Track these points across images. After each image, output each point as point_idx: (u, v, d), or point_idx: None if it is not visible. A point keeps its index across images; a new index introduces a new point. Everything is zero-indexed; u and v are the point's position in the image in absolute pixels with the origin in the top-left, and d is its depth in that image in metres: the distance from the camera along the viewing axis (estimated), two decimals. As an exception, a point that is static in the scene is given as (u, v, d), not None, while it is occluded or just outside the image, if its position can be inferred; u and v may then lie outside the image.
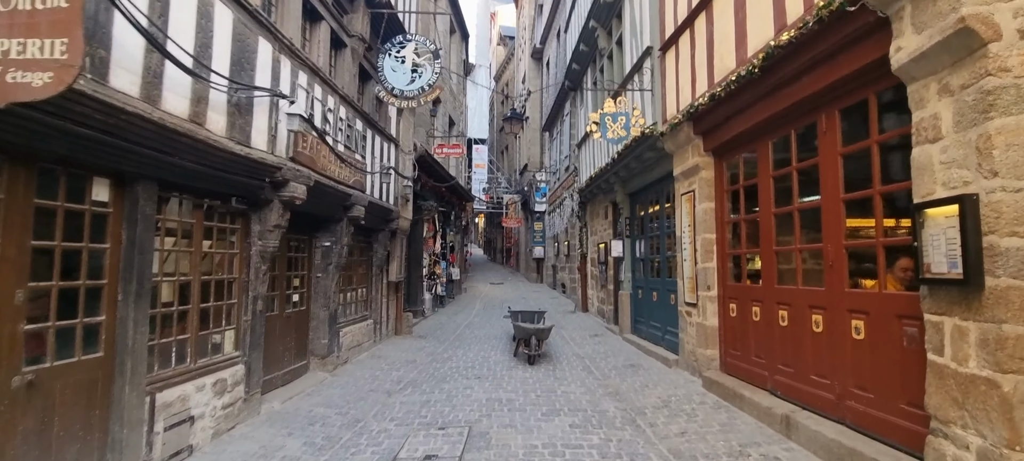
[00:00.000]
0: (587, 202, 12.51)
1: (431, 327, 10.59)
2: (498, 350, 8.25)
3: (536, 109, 21.65)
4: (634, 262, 9.05)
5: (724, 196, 5.76)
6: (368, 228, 7.77)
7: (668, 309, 7.35)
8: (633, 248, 9.07)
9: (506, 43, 29.04)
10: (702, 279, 5.90)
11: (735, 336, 5.46)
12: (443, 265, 13.88)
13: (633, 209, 9.16)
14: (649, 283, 8.24)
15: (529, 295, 17.18)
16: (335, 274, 6.50)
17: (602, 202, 11.09)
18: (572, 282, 15.08)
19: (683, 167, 6.30)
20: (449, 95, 15.22)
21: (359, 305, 7.89)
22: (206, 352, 4.26)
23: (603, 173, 9.69)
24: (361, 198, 6.63)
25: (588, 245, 12.59)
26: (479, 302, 15.25)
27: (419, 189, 10.62)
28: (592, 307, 12.33)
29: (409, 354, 7.87)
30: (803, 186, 4.50)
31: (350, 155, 6.36)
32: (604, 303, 11.04)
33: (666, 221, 7.55)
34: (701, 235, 5.93)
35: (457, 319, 11.77)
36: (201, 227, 4.17)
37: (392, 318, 9.22)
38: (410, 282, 11.12)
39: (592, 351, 8.12)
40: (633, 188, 8.84)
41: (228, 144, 3.83)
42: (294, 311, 6.05)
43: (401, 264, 9.25)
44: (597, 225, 11.64)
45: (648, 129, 6.82)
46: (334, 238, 6.45)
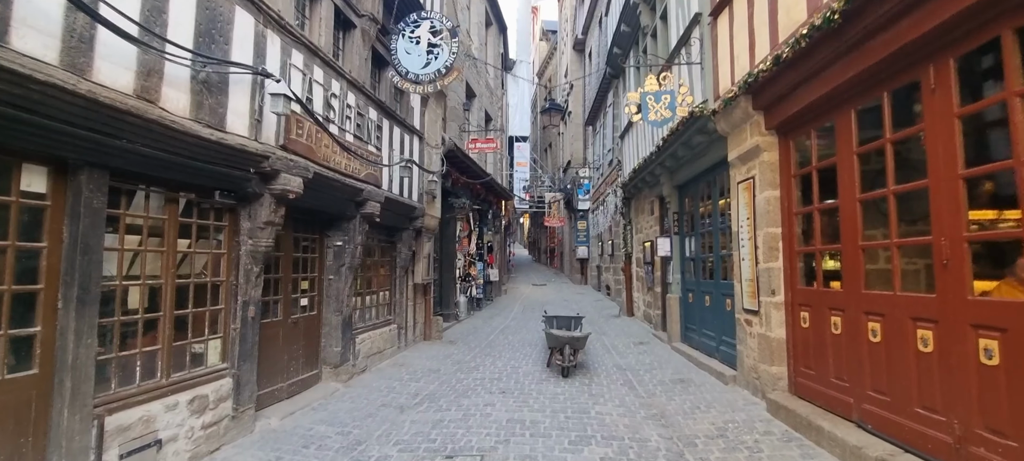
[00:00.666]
0: (631, 197, 11.56)
1: (463, 332, 10.00)
2: (530, 359, 7.53)
3: (578, 103, 20.76)
4: (683, 262, 8.08)
5: (791, 182, 4.78)
6: (388, 226, 7.25)
7: (723, 316, 6.37)
8: (682, 247, 8.10)
9: (548, 38, 28.26)
10: (765, 282, 4.94)
11: (808, 352, 4.48)
12: (479, 266, 13.30)
13: (681, 203, 8.19)
14: (701, 286, 7.26)
15: (571, 298, 16.33)
16: (349, 276, 5.99)
17: (647, 197, 10.13)
18: (616, 284, 14.12)
19: (740, 150, 5.35)
20: (485, 89, 14.64)
21: (380, 309, 7.39)
22: (183, 365, 3.79)
23: (647, 164, 8.77)
24: (375, 193, 6.09)
25: (633, 244, 11.63)
26: (518, 305, 14.57)
27: (450, 186, 10.06)
28: (638, 311, 11.36)
29: (434, 362, 7.28)
30: (901, 164, 3.51)
31: (361, 146, 5.83)
32: (651, 307, 10.07)
33: (719, 215, 6.58)
34: (763, 230, 4.98)
35: (492, 323, 11.13)
36: (175, 224, 3.70)
37: (420, 323, 8.68)
38: (442, 284, 10.59)
39: (635, 362, 7.24)
40: (681, 179, 7.87)
41: (193, 127, 3.32)
42: (302, 316, 5.58)
43: (429, 265, 8.71)
44: (642, 222, 10.68)
45: (697, 108, 5.89)
46: (346, 237, 5.94)
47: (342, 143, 5.22)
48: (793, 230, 4.75)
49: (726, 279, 6.39)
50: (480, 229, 13.57)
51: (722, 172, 6.42)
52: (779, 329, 4.82)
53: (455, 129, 11.44)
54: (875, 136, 3.68)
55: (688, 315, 7.83)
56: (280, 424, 4.64)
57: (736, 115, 5.27)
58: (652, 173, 8.91)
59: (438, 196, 8.82)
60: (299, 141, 4.48)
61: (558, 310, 12.97)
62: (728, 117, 5.41)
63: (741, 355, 5.51)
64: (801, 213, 4.73)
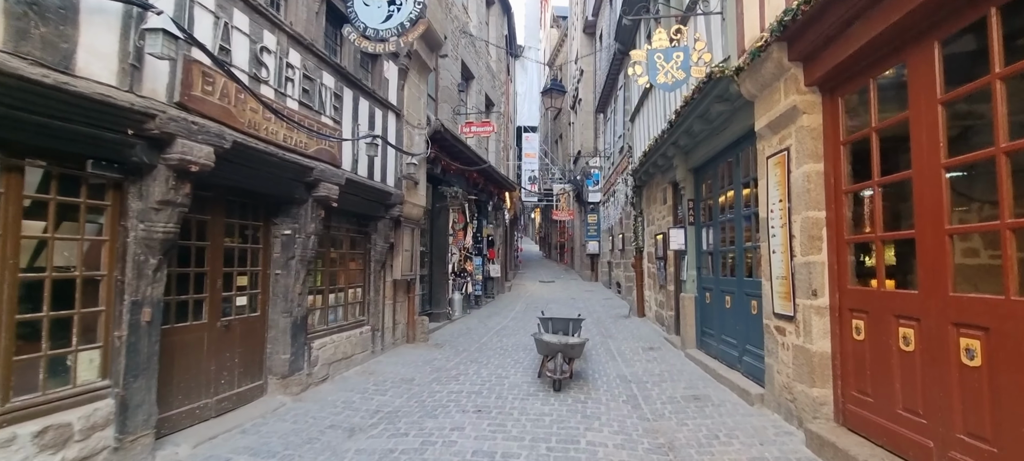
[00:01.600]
0: (642, 185, 10.48)
1: (454, 333, 9.06)
2: (521, 367, 6.55)
3: (589, 90, 19.65)
4: (700, 256, 7.01)
5: (839, 152, 3.71)
6: (357, 214, 6.32)
7: (748, 320, 5.32)
8: (698, 239, 7.04)
9: (559, 24, 27.13)
10: (803, 280, 3.88)
11: (864, 372, 3.42)
12: (477, 261, 12.35)
13: (698, 188, 7.12)
14: (720, 284, 6.20)
15: (578, 296, 15.29)
16: (301, 270, 5.07)
17: (659, 184, 9.06)
18: (627, 281, 13.05)
19: (770, 115, 4.29)
20: (486, 71, 13.66)
21: (350, 309, 6.47)
22: (34, 385, 2.90)
23: (659, 144, 7.70)
24: (332, 173, 5.16)
25: (644, 237, 10.56)
26: (520, 304, 13.59)
27: (439, 172, 9.11)
28: (649, 312, 10.30)
29: (410, 369, 6.35)
30: (1019, 109, 2.45)
31: (311, 117, 4.91)
32: (663, 307, 9.01)
33: (743, 201, 5.52)
34: (801, 214, 3.92)
35: (488, 324, 10.17)
36: (17, 200, 2.80)
37: (401, 324, 7.76)
38: (431, 281, 9.66)
39: (643, 372, 6.22)
40: (697, 160, 6.80)
41: (8, 63, 2.40)
42: (240, 319, 4.68)
43: (413, 259, 7.78)
44: (654, 212, 9.61)
45: (717, 68, 4.82)
46: (296, 224, 5.02)
47: (279, 110, 4.29)
48: (842, 213, 3.69)
49: (751, 276, 5.33)
50: (479, 221, 12.62)
51: (746, 147, 5.36)
52: (822, 340, 3.77)
53: (448, 111, 10.49)
54: (972, 75, 2.62)
55: (705, 318, 6.77)
56: (190, 453, 3.74)
57: (766, 71, 4.21)
58: (664, 155, 7.84)
59: (422, 182, 7.87)
60: (208, 100, 3.56)
61: (562, 310, 11.98)
62: (756, 74, 4.35)
63: (771, 370, 4.46)
64: (853, 191, 3.67)
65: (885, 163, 3.33)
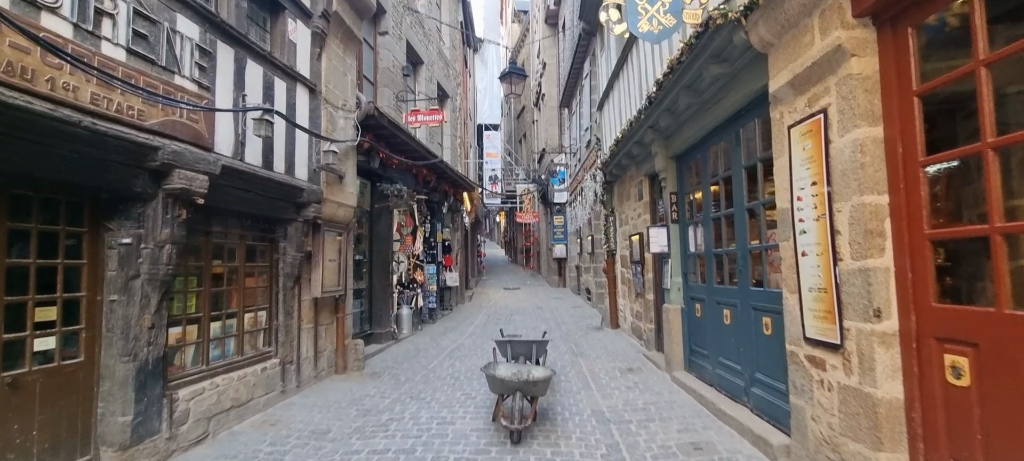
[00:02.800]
0: (613, 181, 9.33)
1: (398, 357, 7.63)
2: (473, 404, 5.21)
3: (553, 84, 18.54)
4: (686, 260, 5.85)
5: (912, 108, 2.55)
6: (250, 215, 4.86)
7: (758, 342, 4.15)
8: (684, 239, 5.88)
9: (520, 18, 26.01)
10: (857, 294, 2.70)
11: (969, 434, 2.25)
12: (430, 270, 10.94)
13: (681, 179, 5.97)
14: (715, 294, 5.03)
15: (547, 303, 14.05)
16: (151, 293, 3.60)
17: (634, 177, 7.90)
18: (598, 288, 11.90)
19: (796, 67, 3.12)
20: (437, 58, 12.29)
21: (247, 339, 4.98)
22: None
23: (634, 129, 6.53)
24: (196, 158, 3.70)
25: (616, 239, 9.41)
26: (482, 315, 12.23)
27: (378, 167, 7.69)
28: (624, 322, 9.13)
29: (328, 416, 4.91)
30: None
31: (154, 75, 3.45)
32: (640, 319, 7.84)
33: (746, 188, 4.36)
34: (851, 200, 2.75)
35: (441, 342, 8.78)
36: None
37: (327, 351, 6.29)
38: (371, 295, 8.20)
39: (623, 404, 5.00)
40: (682, 145, 5.65)
41: None
42: (40, 371, 3.16)
43: (341, 270, 6.33)
44: (628, 210, 8.45)
45: (717, 11, 3.61)
46: (141, 229, 3.55)
47: (79, 55, 2.83)
48: (917, 197, 2.52)
49: (761, 286, 4.17)
50: (432, 225, 11.22)
51: (750, 122, 4.21)
52: (890, 382, 2.59)
53: (390, 98, 9.07)
54: None
55: (695, 334, 5.60)
56: None
57: (791, 3, 3.03)
58: (640, 143, 6.68)
59: (351, 177, 6.44)
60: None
61: (527, 322, 10.70)
62: (775, 10, 3.17)
63: (801, 415, 3.28)
64: (936, 164, 2.52)
65: (1003, 113, 2.18)
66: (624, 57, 7.37)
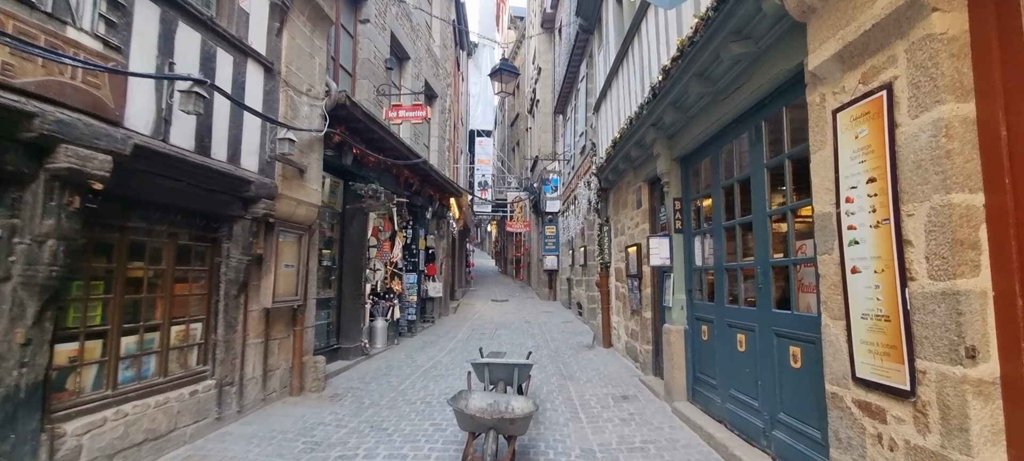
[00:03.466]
0: (609, 188, 8.66)
1: (366, 376, 6.84)
2: (442, 437, 4.46)
3: (548, 89, 17.98)
4: (691, 275, 5.16)
5: (1023, 76, 1.88)
6: (183, 209, 4.10)
7: (783, 376, 3.44)
8: (688, 251, 5.20)
9: (516, 24, 25.51)
10: (937, 325, 2.01)
11: None
12: (410, 279, 10.18)
13: (686, 184, 5.30)
14: (727, 314, 4.33)
15: (535, 317, 13.30)
16: (27, 300, 2.84)
17: (631, 184, 7.23)
18: (590, 302, 11.19)
19: (849, 33, 2.45)
20: (425, 55, 11.62)
21: (172, 357, 4.20)
22: None
23: (634, 128, 5.86)
24: (94, 131, 2.97)
25: (611, 250, 8.71)
26: (465, 328, 11.46)
27: (351, 163, 6.96)
28: (618, 341, 8.42)
29: (266, 451, 4.12)
30: None
31: (27, 21, 2.72)
32: (636, 338, 7.13)
33: (769, 191, 3.68)
34: (929, 201, 2.07)
35: (417, 359, 8.00)
36: None
37: (280, 369, 5.52)
38: (340, 305, 7.43)
39: (617, 441, 4.27)
40: (687, 146, 4.98)
41: None
42: None
43: (300, 278, 5.57)
44: (624, 220, 7.77)
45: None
46: (16, 219, 2.79)
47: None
48: (1032, 195, 1.85)
49: (788, 309, 3.47)
50: (414, 230, 10.47)
51: (774, 112, 3.55)
52: (989, 450, 1.90)
53: (369, 91, 8.37)
54: None
55: (701, 359, 4.90)
56: None
57: (847, -51, 2.37)
58: (640, 144, 6.02)
59: (315, 171, 5.71)
60: None
61: (513, 337, 9.95)
62: (824, -38, 2.51)
63: (848, 477, 2.56)
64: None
65: None
66: (625, 49, 6.73)
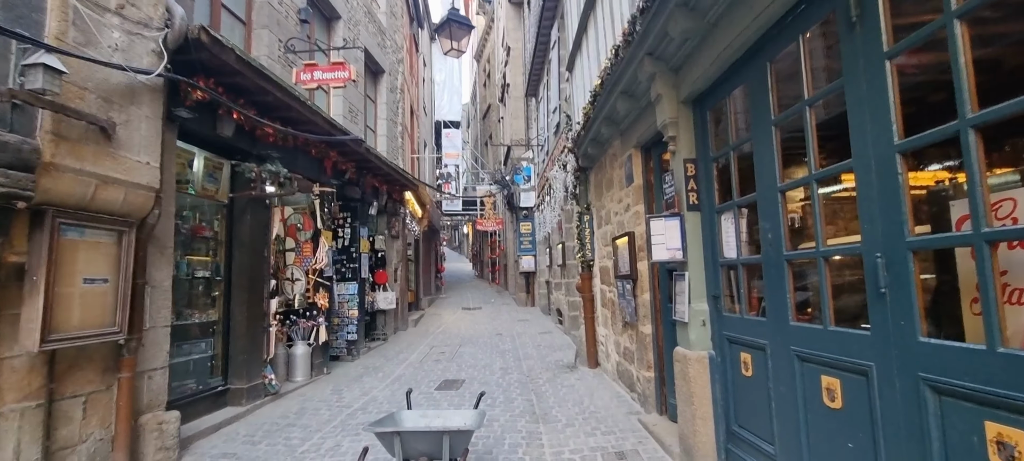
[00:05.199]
0: (589, 167, 6.88)
1: (260, 429, 4.90)
2: None
3: (518, 71, 16.22)
4: (715, 273, 3.37)
5: None
6: None
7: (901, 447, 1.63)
8: (710, 234, 3.41)
9: (484, 9, 23.69)
10: None
11: None
12: (349, 290, 8.24)
13: (703, 134, 3.51)
14: (793, 339, 2.53)
15: (509, 328, 11.43)
16: None
17: (617, 154, 5.45)
18: (571, 308, 9.38)
19: None
20: (364, 17, 9.67)
21: None
22: None
23: (621, 67, 4.04)
24: None
25: (594, 245, 6.92)
26: (424, 345, 9.53)
27: (232, 135, 5.03)
28: (606, 359, 6.60)
29: None
30: None
31: None
32: (631, 360, 5.32)
33: (900, 119, 1.89)
34: None
35: (347, 395, 6.07)
36: None
37: (87, 443, 3.56)
38: (229, 331, 5.46)
39: None
40: (706, 75, 3.17)
41: None
42: None
43: (118, 298, 3.63)
44: (609, 203, 5.97)
45: None
46: None
47: None
48: None
49: (955, 336, 1.67)
50: (353, 230, 8.52)
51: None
52: None
53: (271, 44, 6.43)
54: None
55: (739, 405, 3.11)
56: None
57: None
58: (630, 92, 4.24)
59: (142, 135, 3.78)
60: None
61: (479, 356, 8.05)
62: None
63: None
64: None
65: None
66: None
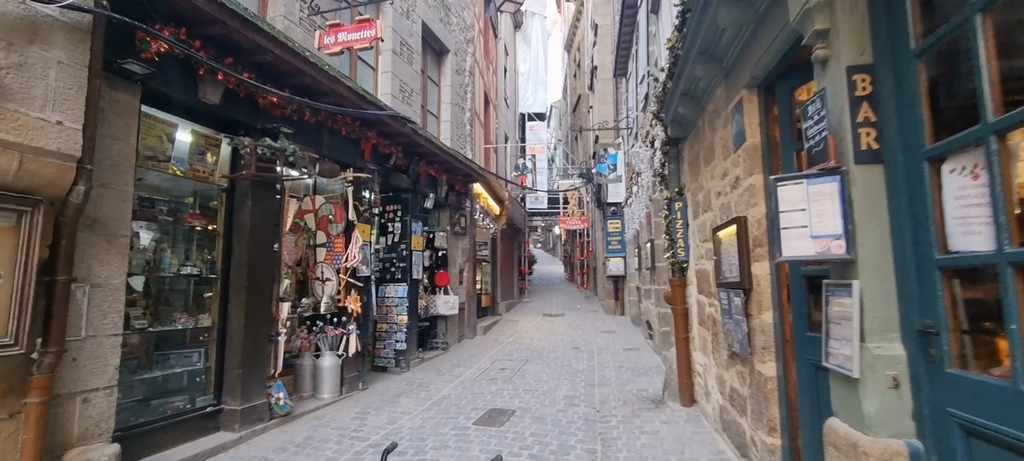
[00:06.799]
0: (682, 136, 5.14)
1: None
2: None
3: (607, 50, 14.54)
4: (919, 285, 1.61)
5: None
6: None
7: None
8: (913, 206, 1.65)
9: (575, -7, 22.14)
10: None
11: None
12: (398, 293, 7.23)
13: (887, 12, 1.76)
14: None
15: (589, 340, 9.80)
16: None
17: (719, 108, 3.70)
18: (662, 322, 7.55)
19: None
20: (424, -12, 8.68)
21: None
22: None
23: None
24: None
25: (687, 240, 5.15)
26: (486, 358, 8.28)
27: (217, 101, 4.12)
28: (706, 398, 4.81)
29: None
30: None
31: None
32: (743, 409, 3.55)
33: None
34: None
35: (373, 420, 4.96)
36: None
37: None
38: (226, 341, 4.57)
39: None
40: None
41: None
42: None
43: (15, 299, 2.76)
44: (709, 179, 4.21)
45: None
46: None
47: None
48: None
49: None
50: (404, 225, 7.52)
51: None
52: None
53: (290, 6, 5.54)
54: None
55: None
56: None
57: None
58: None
59: (58, 88, 2.88)
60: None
61: (545, 375, 6.53)
62: None
63: None
64: None
65: None
66: None
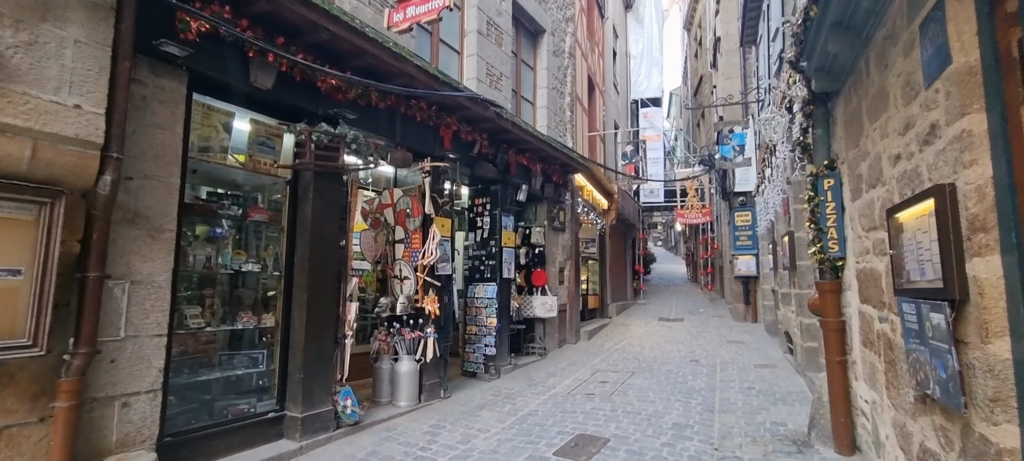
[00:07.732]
0: (831, 90, 3.80)
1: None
2: None
3: (732, 18, 12.71)
4: None
5: None
6: None
7: None
8: None
9: (695, -37, 20.06)
10: None
11: None
12: (487, 292, 6.67)
13: None
14: None
15: (711, 353, 8.37)
16: None
17: (900, 22, 2.44)
18: (806, 335, 5.99)
19: None
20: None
21: None
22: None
23: None
24: None
25: (843, 230, 3.80)
26: (589, 366, 7.37)
27: (272, 87, 3.83)
28: (871, 444, 3.44)
29: None
30: None
31: None
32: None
33: None
34: None
35: (438, 440, 4.41)
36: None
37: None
38: (289, 343, 4.29)
39: None
40: None
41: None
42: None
43: (34, 296, 2.60)
44: (881, 139, 2.91)
45: None
46: None
47: None
48: None
49: None
50: (493, 219, 6.94)
51: None
52: None
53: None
54: None
55: None
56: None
57: None
58: None
59: (82, 68, 2.69)
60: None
61: (651, 392, 5.44)
62: None
63: None
64: None
65: None
66: None
